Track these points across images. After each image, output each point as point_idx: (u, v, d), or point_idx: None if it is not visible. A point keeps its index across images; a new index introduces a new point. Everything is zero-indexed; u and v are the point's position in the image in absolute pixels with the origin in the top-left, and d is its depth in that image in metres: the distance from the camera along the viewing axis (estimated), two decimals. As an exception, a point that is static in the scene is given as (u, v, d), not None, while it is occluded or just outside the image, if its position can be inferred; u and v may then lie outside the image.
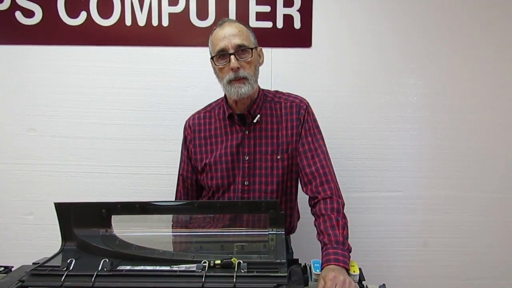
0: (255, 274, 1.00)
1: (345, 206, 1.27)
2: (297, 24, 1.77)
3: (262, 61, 1.40)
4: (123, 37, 1.77)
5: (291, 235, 1.54)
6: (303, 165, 1.33)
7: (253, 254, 1.12)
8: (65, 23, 1.75)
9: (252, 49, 1.30)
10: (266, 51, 1.78)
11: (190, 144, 1.44)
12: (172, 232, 1.27)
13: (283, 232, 1.17)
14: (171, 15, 1.76)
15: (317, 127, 1.40)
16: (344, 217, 1.24)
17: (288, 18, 1.77)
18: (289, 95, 1.43)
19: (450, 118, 1.83)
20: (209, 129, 1.42)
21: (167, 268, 1.04)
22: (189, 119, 1.47)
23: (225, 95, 1.41)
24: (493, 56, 1.81)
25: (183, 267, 1.03)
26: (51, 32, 1.76)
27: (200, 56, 1.78)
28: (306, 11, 1.77)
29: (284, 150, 1.35)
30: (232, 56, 1.26)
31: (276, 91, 1.45)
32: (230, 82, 1.29)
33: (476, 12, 1.79)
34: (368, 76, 1.81)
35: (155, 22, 1.76)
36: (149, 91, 1.80)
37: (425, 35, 1.79)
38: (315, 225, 1.25)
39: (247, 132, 1.37)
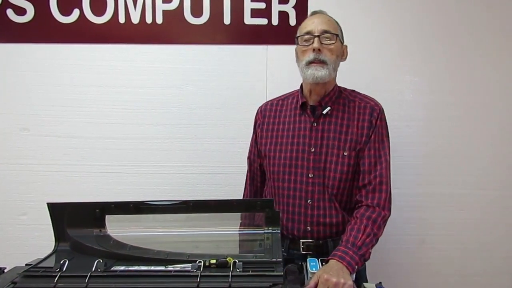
0: (250, 273, 0.99)
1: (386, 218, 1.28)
2: (292, 21, 1.76)
3: (345, 58, 1.41)
4: (116, 35, 1.75)
5: None
6: (364, 170, 1.32)
7: (248, 253, 1.11)
8: (57, 21, 1.73)
9: (337, 36, 1.31)
10: (261, 48, 1.78)
11: (259, 128, 1.45)
12: (167, 231, 1.26)
13: (279, 231, 1.16)
14: (165, 13, 1.74)
15: (387, 135, 1.39)
16: (378, 228, 1.24)
17: (283, 15, 1.76)
18: (365, 96, 1.42)
19: (447, 116, 1.82)
20: (279, 115, 1.43)
21: (162, 268, 1.03)
22: (261, 105, 1.49)
23: (301, 86, 1.42)
24: (489, 54, 1.80)
25: (178, 267, 1.03)
26: (43, 30, 1.74)
27: (195, 53, 1.77)
28: (302, 7, 1.75)
29: (351, 148, 1.32)
30: (316, 38, 1.29)
31: (353, 90, 1.44)
32: (308, 64, 1.29)
33: (473, 9, 1.78)
34: (364, 73, 1.79)
35: (149, 20, 1.74)
36: (143, 89, 1.78)
37: (421, 33, 1.79)
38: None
39: (315, 124, 1.35)
